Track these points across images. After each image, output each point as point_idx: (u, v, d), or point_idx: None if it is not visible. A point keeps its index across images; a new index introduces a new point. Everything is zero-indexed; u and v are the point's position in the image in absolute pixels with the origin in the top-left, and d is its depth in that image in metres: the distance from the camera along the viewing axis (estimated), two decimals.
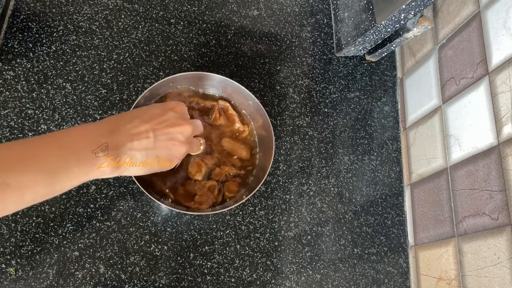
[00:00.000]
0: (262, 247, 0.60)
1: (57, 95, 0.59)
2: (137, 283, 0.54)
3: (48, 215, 0.54)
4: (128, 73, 0.62)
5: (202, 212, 0.53)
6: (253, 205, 0.62)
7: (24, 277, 0.51)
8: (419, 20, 0.63)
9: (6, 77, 0.57)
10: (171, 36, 0.66)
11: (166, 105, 0.47)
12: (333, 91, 0.72)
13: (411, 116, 0.71)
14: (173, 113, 0.46)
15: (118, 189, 0.57)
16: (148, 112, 0.45)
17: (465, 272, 0.54)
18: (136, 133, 0.42)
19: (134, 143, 0.42)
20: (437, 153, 0.63)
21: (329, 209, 0.65)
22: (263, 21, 0.72)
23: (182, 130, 0.45)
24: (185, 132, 0.46)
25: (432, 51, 0.67)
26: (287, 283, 0.59)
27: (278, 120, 0.67)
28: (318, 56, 0.73)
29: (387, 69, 0.76)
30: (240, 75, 0.68)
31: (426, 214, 0.63)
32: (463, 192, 0.56)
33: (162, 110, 0.45)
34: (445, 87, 0.63)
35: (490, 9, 0.54)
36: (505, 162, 0.49)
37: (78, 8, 0.63)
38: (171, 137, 0.45)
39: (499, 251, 0.49)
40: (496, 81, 0.52)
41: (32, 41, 0.60)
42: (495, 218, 0.50)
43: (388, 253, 0.65)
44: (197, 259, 0.57)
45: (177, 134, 0.45)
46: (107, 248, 0.54)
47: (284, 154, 0.66)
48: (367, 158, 0.69)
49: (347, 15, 0.71)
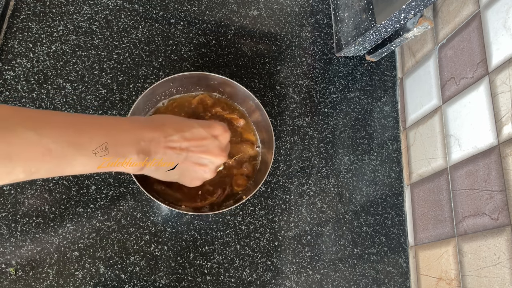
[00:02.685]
0: (262, 247, 0.60)
1: (57, 95, 0.59)
2: (137, 283, 0.54)
3: (48, 215, 0.54)
4: (128, 73, 0.62)
5: (202, 212, 0.53)
6: (253, 205, 0.62)
7: (24, 277, 0.51)
8: (419, 20, 0.63)
9: (6, 77, 0.57)
10: (171, 36, 0.66)
11: (213, 129, 0.46)
12: (333, 91, 0.72)
13: (411, 116, 0.71)
14: (215, 142, 0.46)
15: (118, 189, 0.57)
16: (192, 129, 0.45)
17: (465, 272, 0.54)
18: (172, 146, 0.43)
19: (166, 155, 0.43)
20: (437, 153, 0.63)
21: (329, 209, 0.65)
22: (263, 21, 0.72)
23: (214, 160, 0.46)
24: (217, 162, 0.47)
25: (432, 51, 0.67)
26: (287, 283, 0.59)
27: (278, 120, 0.67)
28: (318, 56, 0.73)
29: (387, 69, 0.76)
30: (240, 75, 0.68)
31: (426, 214, 0.63)
32: (463, 192, 0.56)
33: (206, 133, 0.46)
34: (445, 87, 0.63)
35: (490, 9, 0.54)
36: (505, 162, 0.49)
37: (78, 8, 0.63)
38: (201, 162, 0.46)
39: (499, 251, 0.49)
40: (496, 81, 0.52)
41: (32, 41, 0.60)
42: (495, 218, 0.50)
43: (388, 253, 0.65)
44: (197, 259, 0.57)
45: (209, 162, 0.46)
46: (107, 248, 0.54)
47: (284, 154, 0.66)
48: (367, 158, 0.69)
49: (347, 15, 0.71)
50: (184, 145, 0.44)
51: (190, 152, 0.44)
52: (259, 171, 0.58)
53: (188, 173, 0.46)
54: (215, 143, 0.46)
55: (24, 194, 0.54)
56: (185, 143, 0.44)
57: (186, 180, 0.48)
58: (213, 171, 0.48)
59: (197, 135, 0.45)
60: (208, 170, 0.47)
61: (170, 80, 0.56)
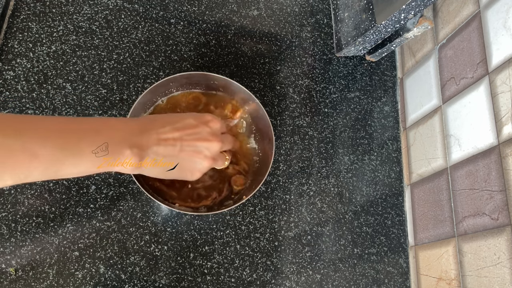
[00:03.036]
0: (262, 247, 0.60)
1: (57, 95, 0.59)
2: (137, 283, 0.54)
3: (48, 215, 0.54)
4: (128, 73, 0.62)
5: (202, 212, 0.53)
6: (253, 205, 0.62)
7: (24, 277, 0.51)
8: (419, 20, 0.63)
9: (6, 77, 0.57)
10: (171, 36, 0.66)
11: (203, 117, 0.47)
12: (333, 91, 0.72)
13: (411, 116, 0.71)
14: (206, 128, 0.46)
15: (118, 189, 0.57)
16: (182, 120, 0.46)
17: (465, 272, 0.54)
18: (164, 138, 0.43)
19: (160, 147, 0.43)
20: (437, 153, 0.63)
21: (329, 209, 0.65)
22: (263, 21, 0.72)
23: (209, 146, 0.46)
24: (212, 148, 0.47)
25: (432, 51, 0.67)
26: (287, 283, 0.59)
27: (278, 120, 0.67)
28: (318, 56, 0.73)
29: (387, 69, 0.76)
30: (240, 75, 0.68)
31: (426, 214, 0.63)
32: (463, 192, 0.56)
33: (197, 122, 0.46)
34: (445, 87, 0.63)
35: (490, 9, 0.54)
36: (505, 162, 0.49)
37: (78, 8, 0.63)
38: (197, 150, 0.46)
39: (499, 251, 0.49)
40: (496, 81, 0.52)
41: (32, 41, 0.60)
42: (495, 218, 0.50)
43: (388, 253, 0.65)
44: (197, 259, 0.57)
45: (204, 148, 0.46)
46: (107, 248, 0.54)
47: (284, 154, 0.66)
48: (367, 158, 0.69)
49: (347, 15, 0.71)
50: (176, 135, 0.44)
51: (184, 141, 0.44)
52: (259, 171, 0.58)
53: (186, 164, 0.46)
54: (206, 129, 0.46)
55: (24, 194, 0.54)
56: (177, 133, 0.44)
57: (187, 173, 0.47)
58: (210, 158, 0.47)
59: (187, 124, 0.45)
60: (205, 157, 0.46)
61: (170, 80, 0.56)
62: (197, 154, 0.46)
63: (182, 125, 0.45)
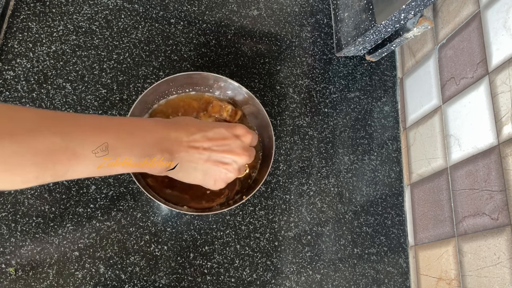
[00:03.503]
0: (262, 247, 0.60)
1: (57, 95, 0.59)
2: (137, 283, 0.54)
3: (48, 215, 0.54)
4: (128, 73, 0.62)
5: (202, 212, 0.53)
6: (253, 205, 0.62)
7: (24, 277, 0.51)
8: (419, 20, 0.63)
9: (6, 77, 0.57)
10: (171, 36, 0.66)
11: (235, 129, 0.47)
12: (333, 91, 0.72)
13: (411, 116, 0.71)
14: (238, 141, 0.46)
15: (118, 189, 0.57)
16: (214, 129, 0.46)
17: (465, 272, 0.54)
18: (194, 146, 0.44)
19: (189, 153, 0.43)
20: (437, 153, 0.63)
21: (329, 209, 0.65)
22: (263, 21, 0.72)
23: (237, 160, 0.46)
24: (240, 162, 0.47)
25: (432, 51, 0.67)
26: (287, 283, 0.59)
27: (278, 120, 0.67)
28: (318, 56, 0.73)
29: (387, 69, 0.76)
30: (240, 75, 0.68)
31: (426, 214, 0.63)
32: (463, 192, 0.56)
33: (229, 133, 0.46)
34: (445, 87, 0.63)
35: (490, 9, 0.54)
36: (505, 162, 0.49)
37: (78, 8, 0.63)
38: (224, 161, 0.46)
39: (499, 251, 0.49)
40: (496, 81, 0.52)
41: (32, 41, 0.60)
42: (495, 218, 0.50)
43: (388, 253, 0.65)
44: (197, 259, 0.57)
45: (232, 161, 0.46)
46: (107, 248, 0.54)
47: (284, 154, 0.66)
48: (367, 158, 0.69)
49: (347, 15, 0.71)
50: (206, 145, 0.44)
51: (213, 152, 0.45)
52: (260, 171, 0.58)
53: (211, 172, 0.46)
54: (237, 142, 0.46)
55: (24, 194, 0.54)
56: (208, 142, 0.44)
57: (210, 181, 0.47)
58: (236, 170, 0.47)
59: (219, 135, 0.45)
60: (232, 169, 0.47)
61: (170, 80, 0.56)
62: (224, 165, 0.46)
63: (213, 135, 0.45)
